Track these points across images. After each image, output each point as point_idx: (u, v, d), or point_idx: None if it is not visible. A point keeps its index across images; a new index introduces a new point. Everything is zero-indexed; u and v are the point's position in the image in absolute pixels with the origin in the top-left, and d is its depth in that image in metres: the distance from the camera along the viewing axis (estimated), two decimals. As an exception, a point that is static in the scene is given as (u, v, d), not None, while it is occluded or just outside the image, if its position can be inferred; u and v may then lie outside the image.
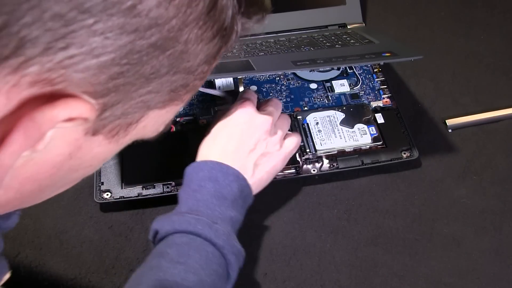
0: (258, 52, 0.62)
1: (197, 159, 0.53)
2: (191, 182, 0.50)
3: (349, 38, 0.67)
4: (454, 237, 0.58)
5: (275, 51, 0.64)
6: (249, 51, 0.63)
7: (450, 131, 0.67)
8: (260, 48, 0.64)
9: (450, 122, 0.68)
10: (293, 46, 0.64)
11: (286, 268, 0.51)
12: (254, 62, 0.57)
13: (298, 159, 0.61)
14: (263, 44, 0.67)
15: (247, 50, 0.63)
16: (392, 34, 0.78)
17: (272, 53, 0.63)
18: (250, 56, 0.61)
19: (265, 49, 0.64)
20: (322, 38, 0.68)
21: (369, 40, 0.65)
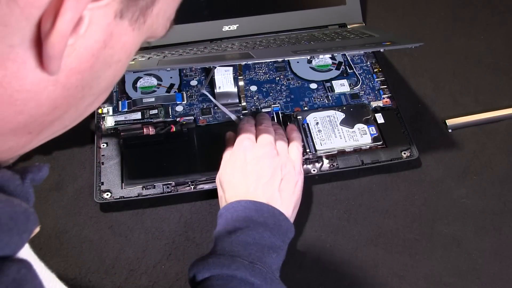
0: (258, 47, 0.62)
1: (226, 199, 0.54)
2: (227, 225, 0.51)
3: (350, 34, 0.67)
4: (454, 237, 0.58)
5: (275, 46, 0.64)
6: (249, 47, 0.63)
7: (450, 131, 0.67)
8: (261, 44, 0.64)
9: (450, 122, 0.68)
10: (293, 42, 0.64)
11: (286, 268, 0.51)
12: (254, 53, 0.57)
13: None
14: (263, 42, 0.67)
15: (247, 46, 0.63)
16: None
17: (272, 47, 0.63)
18: (250, 49, 0.61)
19: (265, 45, 0.64)
20: (322, 35, 0.68)
21: (370, 34, 0.65)
